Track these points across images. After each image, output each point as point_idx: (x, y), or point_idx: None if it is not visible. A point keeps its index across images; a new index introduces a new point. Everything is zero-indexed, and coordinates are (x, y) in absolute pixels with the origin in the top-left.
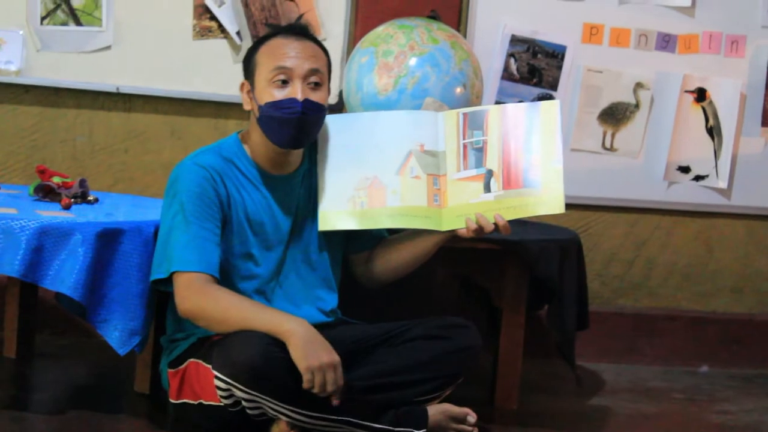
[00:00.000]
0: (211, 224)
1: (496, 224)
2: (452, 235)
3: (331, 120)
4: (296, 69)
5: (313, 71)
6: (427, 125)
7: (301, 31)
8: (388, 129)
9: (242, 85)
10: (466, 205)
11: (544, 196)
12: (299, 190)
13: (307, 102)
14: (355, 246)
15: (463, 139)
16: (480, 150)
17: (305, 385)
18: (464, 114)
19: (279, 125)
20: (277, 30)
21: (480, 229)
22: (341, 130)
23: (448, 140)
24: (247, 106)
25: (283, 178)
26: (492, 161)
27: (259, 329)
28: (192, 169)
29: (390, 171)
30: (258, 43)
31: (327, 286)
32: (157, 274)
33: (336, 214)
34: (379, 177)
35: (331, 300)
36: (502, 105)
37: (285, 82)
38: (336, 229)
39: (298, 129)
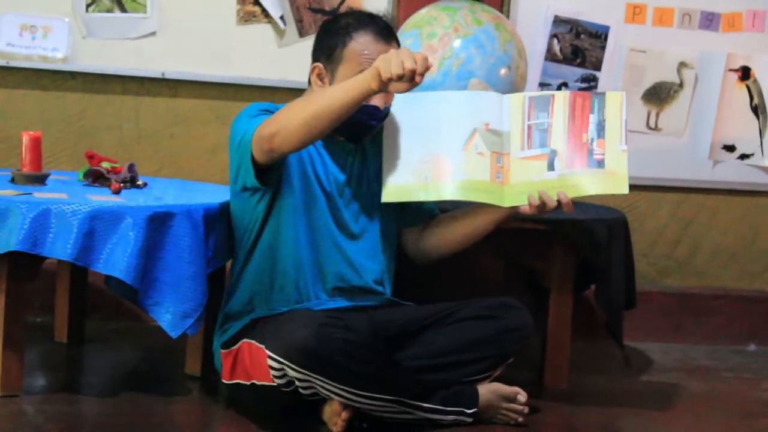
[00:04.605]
0: None
1: (559, 201)
2: (512, 213)
3: (398, 98)
4: None
5: None
6: (492, 106)
7: (390, 33)
8: (454, 107)
9: (314, 68)
10: (528, 183)
11: (608, 176)
12: (354, 154)
13: (386, 109)
14: (408, 220)
15: (528, 120)
16: (545, 131)
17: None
18: (530, 98)
19: (354, 125)
20: (366, 24)
21: (542, 206)
22: (408, 107)
23: (512, 121)
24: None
25: (336, 142)
26: (557, 142)
27: (348, 97)
28: (251, 106)
29: (455, 146)
30: (345, 32)
31: (372, 256)
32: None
33: (400, 186)
34: (444, 152)
35: (374, 269)
36: (568, 91)
37: None
38: (399, 201)
39: (370, 130)
